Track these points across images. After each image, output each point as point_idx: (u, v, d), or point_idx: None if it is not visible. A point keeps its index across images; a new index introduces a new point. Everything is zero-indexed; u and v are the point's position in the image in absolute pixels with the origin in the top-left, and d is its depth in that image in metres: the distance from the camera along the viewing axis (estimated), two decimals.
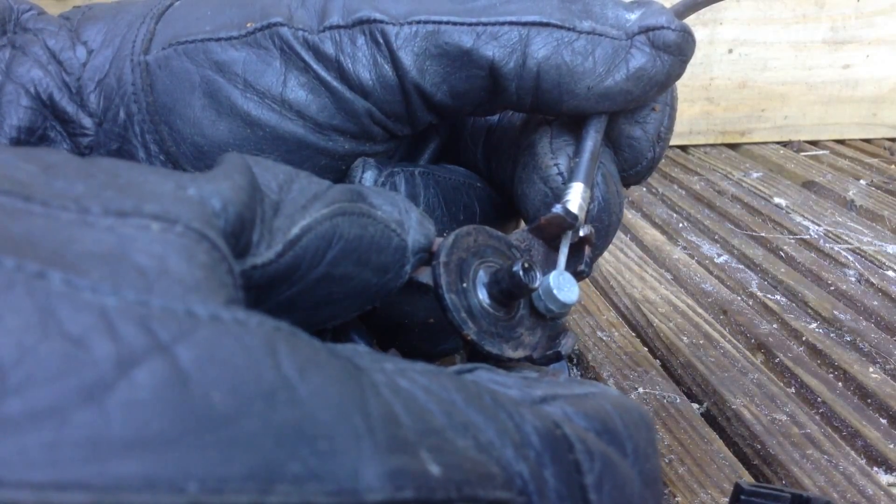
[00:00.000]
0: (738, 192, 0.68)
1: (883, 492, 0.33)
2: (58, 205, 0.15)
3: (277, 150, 0.30)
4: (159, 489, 0.11)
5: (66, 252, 0.14)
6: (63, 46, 0.31)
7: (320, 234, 0.23)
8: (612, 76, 0.28)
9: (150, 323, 0.13)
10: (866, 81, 0.82)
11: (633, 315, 0.48)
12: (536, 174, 0.30)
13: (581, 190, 0.28)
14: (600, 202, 0.29)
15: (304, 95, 0.29)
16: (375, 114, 0.30)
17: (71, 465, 0.11)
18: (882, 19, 0.79)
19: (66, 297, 0.12)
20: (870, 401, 0.39)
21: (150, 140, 0.30)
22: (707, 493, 0.32)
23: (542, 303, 0.27)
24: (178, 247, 0.16)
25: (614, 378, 0.40)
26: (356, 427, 0.13)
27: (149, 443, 0.11)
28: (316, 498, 0.12)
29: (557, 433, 0.16)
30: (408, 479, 0.13)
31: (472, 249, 0.26)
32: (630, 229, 0.60)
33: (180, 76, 0.30)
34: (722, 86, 0.79)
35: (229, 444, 0.12)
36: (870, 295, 0.49)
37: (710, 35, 0.77)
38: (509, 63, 0.29)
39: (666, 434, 0.36)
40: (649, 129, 0.31)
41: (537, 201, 0.30)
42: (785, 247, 0.56)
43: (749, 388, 0.40)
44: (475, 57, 0.29)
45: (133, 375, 0.12)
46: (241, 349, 0.13)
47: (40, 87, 0.31)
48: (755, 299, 0.50)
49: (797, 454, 0.35)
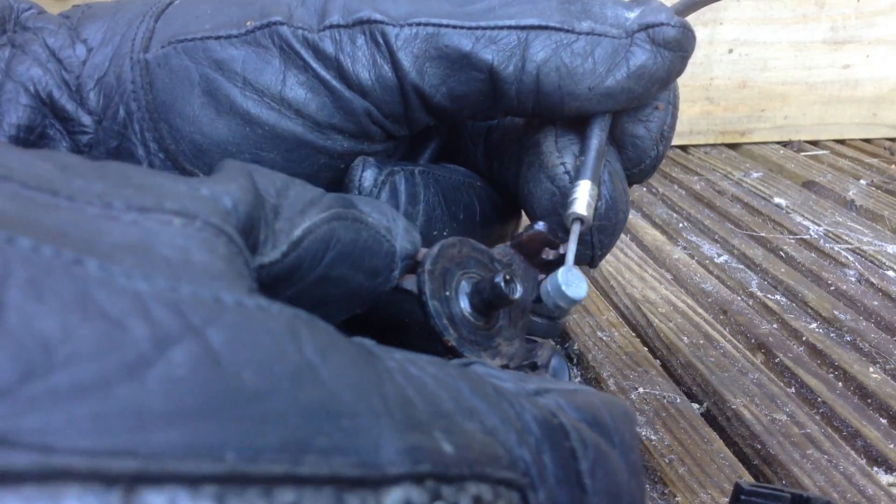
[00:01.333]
0: (738, 192, 0.68)
1: (883, 492, 0.33)
2: (83, 200, 0.16)
3: (276, 148, 0.30)
4: (201, 456, 0.12)
5: (96, 242, 0.15)
6: (63, 45, 0.31)
7: (319, 236, 0.23)
8: (613, 75, 0.28)
9: (182, 307, 0.13)
10: (866, 81, 0.82)
11: (633, 315, 0.48)
12: (543, 173, 0.30)
13: (588, 187, 0.28)
14: (608, 200, 0.29)
15: (303, 94, 0.29)
16: (374, 113, 0.30)
17: (117, 434, 0.11)
18: (882, 19, 0.79)
19: (103, 283, 0.13)
20: (870, 401, 0.39)
21: (150, 138, 0.30)
22: (707, 493, 0.32)
23: (551, 299, 0.27)
24: (200, 240, 0.16)
25: (614, 378, 0.40)
26: (375, 407, 0.14)
27: (188, 415, 0.12)
28: (342, 469, 0.13)
29: (554, 422, 0.17)
30: (425, 455, 0.14)
31: (456, 260, 0.27)
32: (630, 229, 0.60)
33: (179, 74, 0.30)
34: (722, 86, 0.79)
35: (261, 418, 0.12)
36: (870, 295, 0.49)
37: (710, 35, 0.77)
38: (508, 67, 0.29)
39: (666, 434, 0.36)
40: (652, 127, 0.31)
41: (544, 200, 0.30)
42: (785, 247, 0.56)
43: (749, 388, 0.40)
44: (474, 60, 0.29)
45: (169, 354, 0.12)
46: (266, 333, 0.14)
47: (39, 86, 0.31)
48: (755, 299, 0.50)
49: (797, 454, 0.35)
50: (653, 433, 0.36)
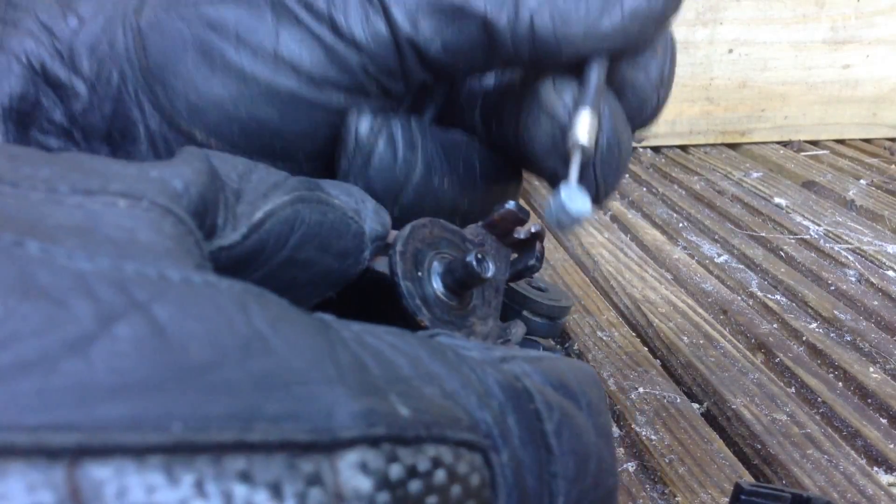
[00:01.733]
0: (738, 192, 0.68)
1: (883, 492, 0.33)
2: (27, 185, 0.16)
3: (272, 104, 0.30)
4: (145, 429, 0.12)
5: (39, 225, 0.15)
6: (54, 18, 0.32)
7: (282, 218, 0.24)
8: (609, 17, 0.28)
9: (126, 285, 0.13)
10: (866, 81, 0.82)
11: (633, 315, 0.48)
12: (542, 113, 0.30)
13: (588, 116, 0.28)
14: (609, 135, 0.29)
15: (297, 50, 0.29)
16: (370, 68, 0.30)
17: (61, 409, 0.11)
18: (882, 19, 0.79)
19: (44, 263, 0.13)
20: (870, 401, 0.39)
21: (145, 100, 0.31)
22: (707, 493, 0.32)
23: (553, 215, 0.28)
24: (146, 220, 0.17)
25: (614, 378, 0.40)
26: (328, 374, 0.14)
27: (133, 388, 0.12)
28: (294, 435, 0.13)
29: (518, 385, 0.17)
30: (379, 418, 0.14)
31: (427, 240, 0.27)
32: (630, 229, 0.60)
33: (172, 36, 0.30)
34: (722, 86, 0.79)
35: (209, 389, 0.12)
36: (870, 295, 0.49)
37: (710, 35, 0.77)
38: (502, 15, 0.29)
39: (666, 434, 0.36)
40: (652, 73, 0.31)
41: (545, 140, 0.30)
42: (785, 247, 0.56)
43: (749, 388, 0.40)
44: (467, 11, 0.29)
45: (114, 330, 0.12)
46: (213, 306, 0.14)
47: (32, 56, 0.31)
48: (755, 299, 0.50)
49: (797, 454, 0.35)
50: (653, 433, 0.36)
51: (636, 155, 0.79)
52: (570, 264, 0.54)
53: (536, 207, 0.66)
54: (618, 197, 0.68)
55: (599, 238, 0.58)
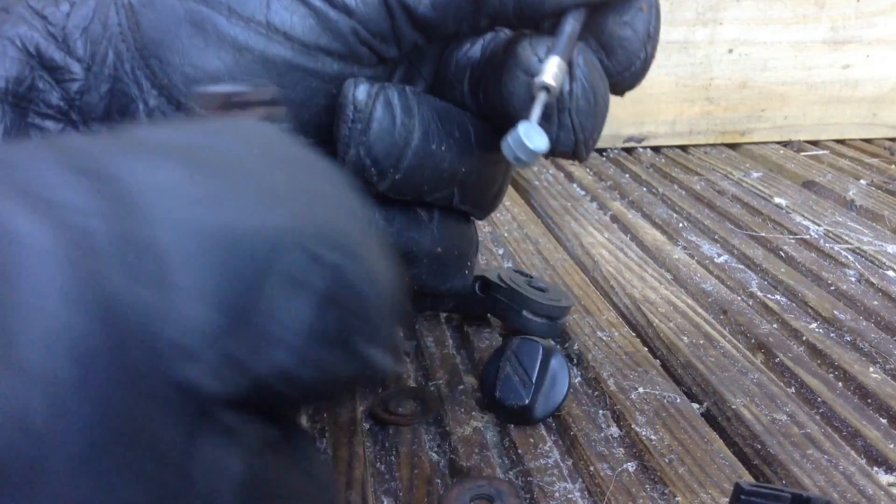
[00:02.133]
0: (738, 192, 0.68)
1: (883, 492, 0.33)
2: None
3: (268, 73, 0.30)
4: None
5: None
6: (46, 3, 0.32)
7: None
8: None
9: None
10: (866, 81, 0.82)
11: (633, 315, 0.48)
12: (518, 68, 0.31)
13: (556, 62, 0.29)
14: (583, 83, 0.30)
15: (289, 17, 0.30)
16: (361, 32, 0.30)
17: None
18: (882, 19, 0.79)
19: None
20: (870, 401, 0.39)
21: (142, 77, 0.31)
22: (707, 493, 0.32)
23: (512, 151, 0.29)
24: None
25: (614, 378, 0.40)
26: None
27: None
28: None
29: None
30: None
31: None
32: (630, 229, 0.60)
33: (165, 11, 0.31)
34: (722, 86, 0.80)
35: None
36: (870, 295, 0.49)
37: (710, 35, 0.77)
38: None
39: (666, 434, 0.36)
40: (639, 28, 0.31)
41: (521, 93, 0.31)
42: (785, 247, 0.56)
43: (749, 388, 0.40)
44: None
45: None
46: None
47: (26, 40, 0.31)
48: (755, 299, 0.50)
49: (797, 454, 0.35)
50: (653, 433, 0.36)
51: (636, 155, 0.79)
52: (570, 264, 0.54)
53: (537, 207, 0.66)
54: (618, 197, 0.68)
55: (599, 238, 0.58)
